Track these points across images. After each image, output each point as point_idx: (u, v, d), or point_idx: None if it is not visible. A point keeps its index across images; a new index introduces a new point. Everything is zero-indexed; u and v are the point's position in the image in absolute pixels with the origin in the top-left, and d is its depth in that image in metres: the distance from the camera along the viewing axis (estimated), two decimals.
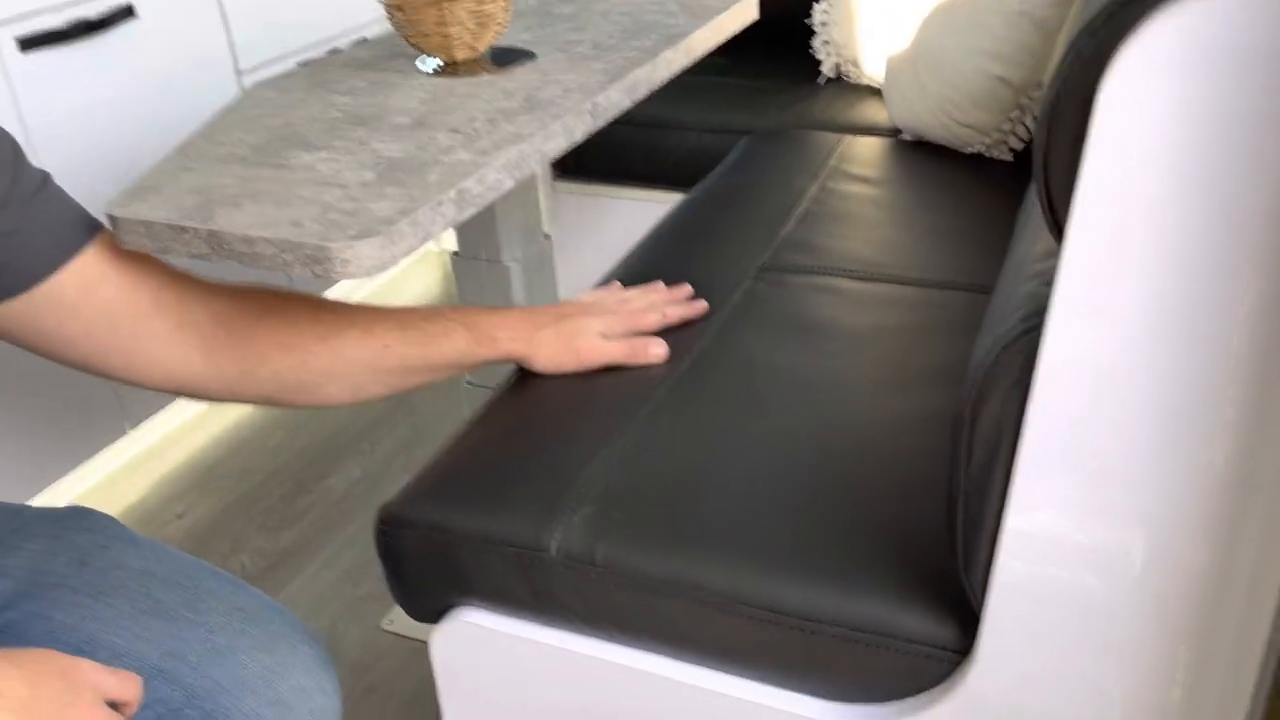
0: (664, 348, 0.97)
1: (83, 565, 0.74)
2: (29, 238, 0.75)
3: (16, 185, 0.75)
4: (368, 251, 0.76)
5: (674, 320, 1.02)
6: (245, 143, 0.96)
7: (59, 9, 1.50)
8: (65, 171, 1.54)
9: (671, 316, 1.01)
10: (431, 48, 1.12)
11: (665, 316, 1.01)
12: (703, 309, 1.04)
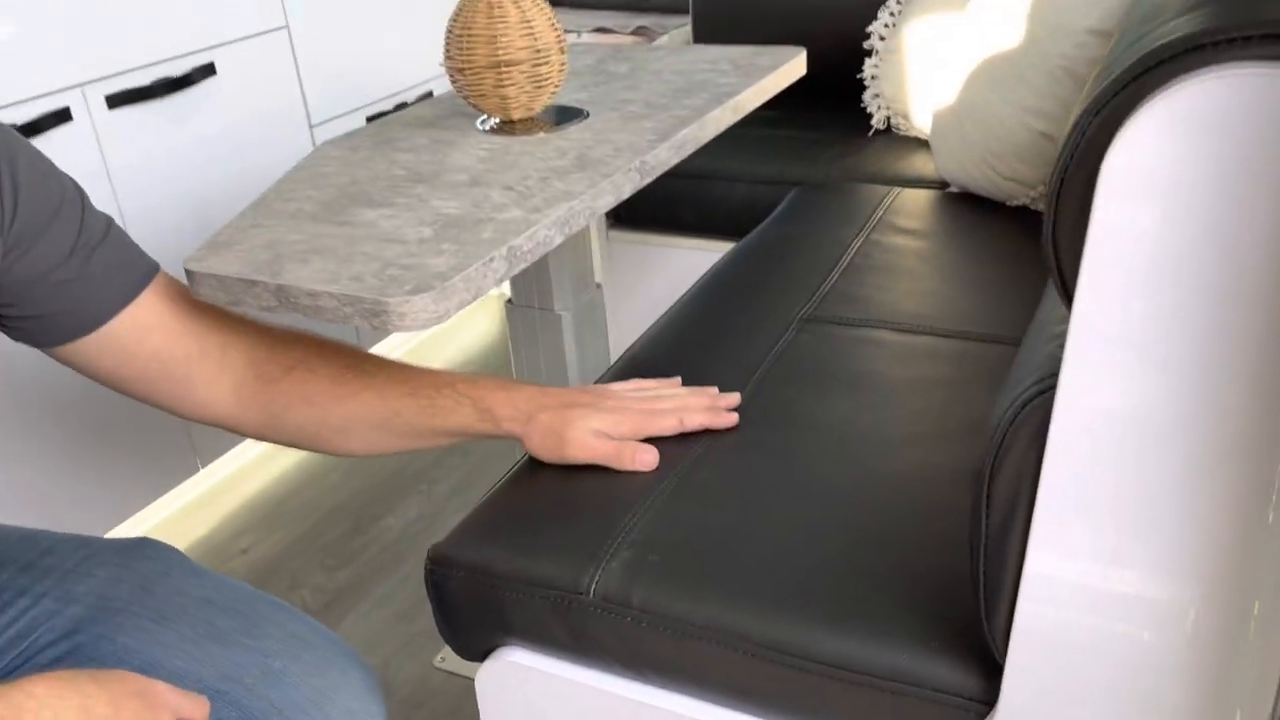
0: (654, 455, 0.92)
1: (146, 592, 0.79)
2: (92, 285, 0.82)
3: (81, 235, 0.81)
4: (422, 306, 0.81)
5: (692, 428, 0.95)
6: (314, 199, 1.02)
7: (145, 68, 1.59)
8: (146, 219, 1.62)
9: (689, 424, 0.95)
10: (490, 108, 1.18)
11: (682, 423, 0.95)
12: (730, 421, 0.97)
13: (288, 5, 1.81)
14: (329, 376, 0.87)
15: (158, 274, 0.86)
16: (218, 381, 0.87)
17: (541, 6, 1.17)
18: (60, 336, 0.82)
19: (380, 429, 0.88)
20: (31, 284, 0.79)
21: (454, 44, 1.15)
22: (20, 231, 0.77)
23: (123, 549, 0.84)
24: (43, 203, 0.79)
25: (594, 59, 1.49)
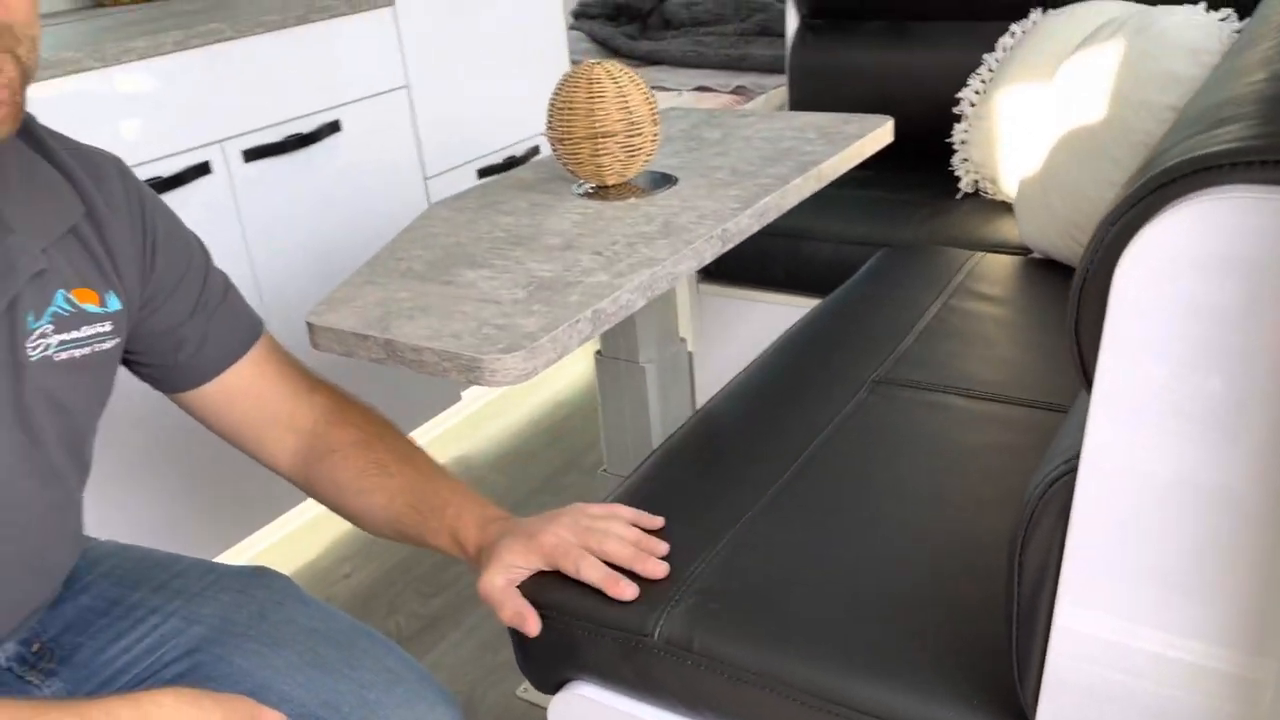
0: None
1: (262, 619, 0.89)
2: (207, 344, 0.93)
3: (203, 294, 0.92)
4: (512, 364, 0.89)
5: (588, 577, 0.90)
6: (422, 259, 1.12)
7: (277, 125, 1.74)
8: (275, 263, 1.76)
9: (615, 554, 0.91)
10: (586, 174, 1.27)
11: (579, 571, 0.90)
12: (657, 572, 0.91)
13: (409, 66, 1.95)
14: (355, 470, 0.96)
15: (260, 338, 0.97)
16: (282, 444, 0.98)
17: (637, 82, 1.25)
18: (172, 386, 0.94)
19: (385, 527, 0.97)
20: (158, 337, 0.90)
21: (555, 116, 1.25)
22: (155, 289, 0.88)
23: (244, 576, 0.94)
24: (175, 263, 0.89)
25: (689, 124, 1.57)
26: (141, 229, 0.86)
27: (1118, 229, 0.56)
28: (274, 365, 0.97)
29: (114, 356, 0.85)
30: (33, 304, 0.77)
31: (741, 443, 1.13)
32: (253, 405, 0.96)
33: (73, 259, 0.80)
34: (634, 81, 1.25)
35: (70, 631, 0.88)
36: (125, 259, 0.84)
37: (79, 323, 0.80)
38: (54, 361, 0.79)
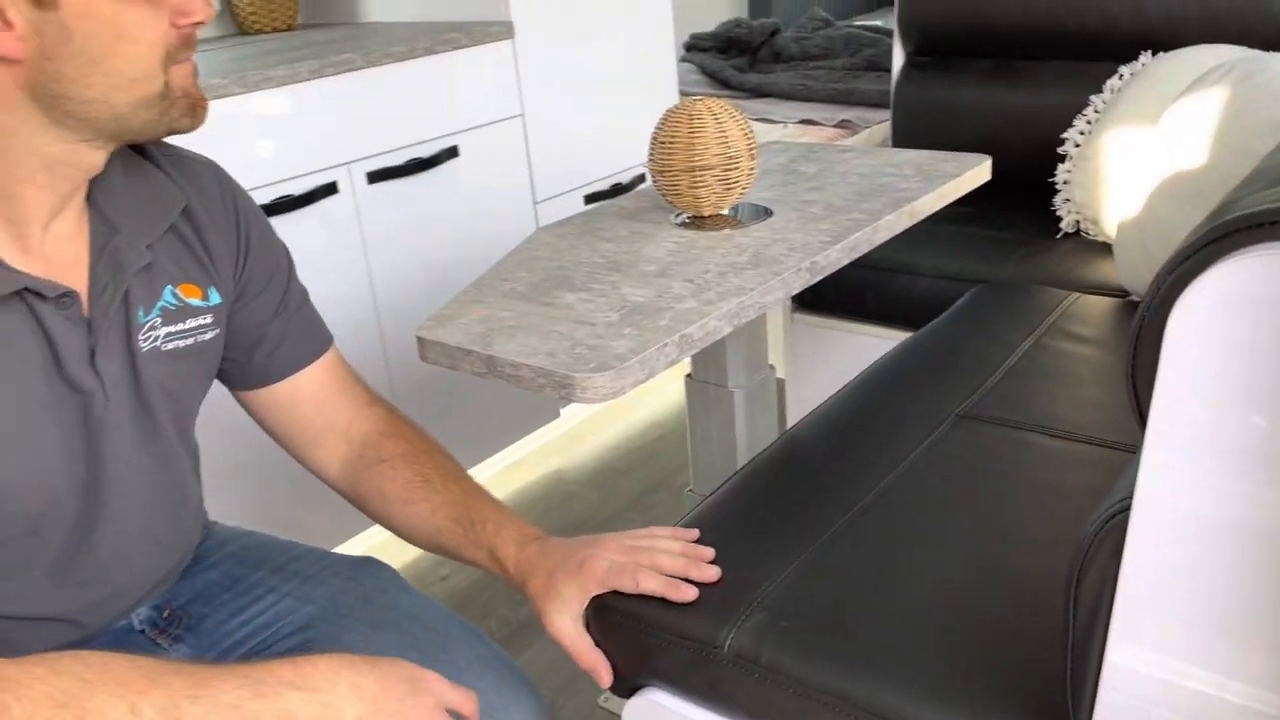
0: None
1: (367, 602, 0.96)
2: (282, 346, 1.00)
3: (285, 299, 1.00)
4: (601, 383, 0.95)
5: (648, 589, 0.94)
6: (525, 280, 1.19)
7: (400, 150, 1.85)
8: (392, 278, 1.87)
9: (668, 566, 0.96)
10: (683, 205, 1.33)
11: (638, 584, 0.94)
12: (709, 576, 0.96)
13: (524, 95, 2.04)
14: (403, 481, 1.01)
15: (329, 349, 1.04)
16: (335, 452, 1.04)
17: (737, 119, 1.31)
18: (244, 383, 1.01)
19: (426, 539, 1.02)
20: (241, 333, 0.97)
21: (657, 149, 1.31)
22: (245, 286, 0.96)
23: (352, 564, 1.02)
24: (265, 264, 0.97)
25: (787, 158, 1.61)
26: (235, 228, 0.94)
27: (1175, 276, 0.58)
28: (338, 376, 1.04)
29: (215, 347, 0.94)
30: (142, 299, 0.85)
31: (822, 468, 1.17)
32: (313, 410, 1.02)
33: (176, 256, 0.89)
34: (733, 118, 1.30)
35: (197, 602, 0.97)
36: (221, 256, 0.92)
37: (184, 316, 0.89)
38: (162, 352, 0.87)
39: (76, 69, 0.72)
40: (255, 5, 2.17)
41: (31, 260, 0.78)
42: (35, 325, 0.77)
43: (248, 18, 2.18)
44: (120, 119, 0.76)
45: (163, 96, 0.76)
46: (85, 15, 0.71)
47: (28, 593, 0.83)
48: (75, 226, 0.81)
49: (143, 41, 0.74)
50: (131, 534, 0.88)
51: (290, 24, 2.23)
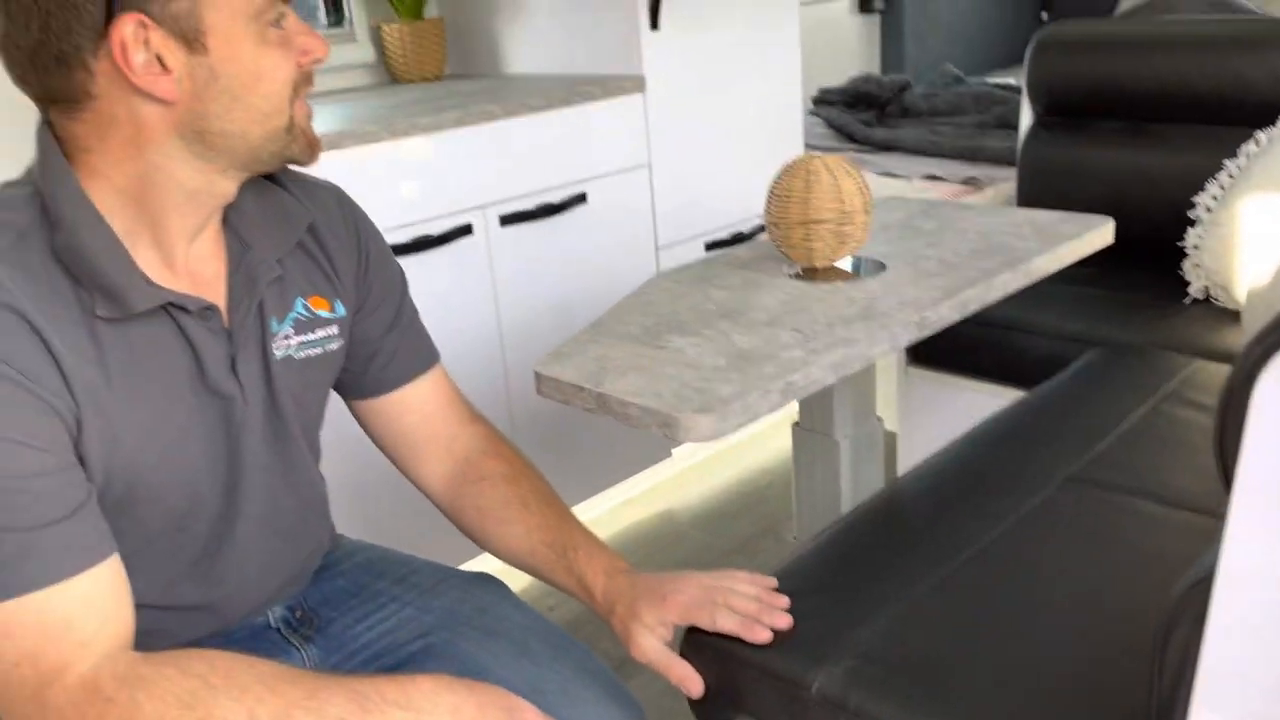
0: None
1: (482, 613, 1.03)
2: (394, 358, 1.07)
3: (399, 315, 1.07)
4: (704, 423, 1.00)
5: (725, 628, 0.98)
6: (639, 324, 1.25)
7: (531, 195, 1.95)
8: (519, 315, 1.96)
9: (743, 607, 0.99)
10: (797, 256, 1.37)
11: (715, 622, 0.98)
12: (782, 623, 0.99)
13: (652, 146, 2.12)
14: (500, 500, 1.07)
15: (436, 365, 1.11)
16: (440, 465, 1.10)
17: (852, 174, 1.34)
18: (357, 393, 1.08)
19: (518, 559, 1.07)
20: (358, 345, 1.05)
21: (773, 202, 1.36)
22: (365, 298, 1.04)
23: (468, 579, 1.09)
24: (383, 281, 1.05)
25: (905, 214, 1.64)
26: (357, 246, 1.02)
27: (1265, 345, 0.60)
28: (444, 392, 1.11)
29: (340, 357, 1.02)
30: (276, 310, 0.94)
31: (924, 520, 1.18)
32: (419, 422, 1.09)
33: (305, 270, 0.97)
34: (849, 174, 1.34)
35: (327, 606, 1.05)
36: (345, 270, 1.00)
37: (314, 326, 0.97)
38: (295, 360, 0.96)
39: (221, 106, 0.82)
40: (407, 57, 2.32)
41: (176, 278, 0.87)
42: (181, 337, 0.86)
43: (400, 68, 2.34)
44: (253, 151, 0.85)
45: (288, 130, 0.86)
46: (230, 59, 0.81)
47: (173, 585, 0.92)
48: (214, 246, 0.90)
49: (276, 80, 0.83)
50: (264, 530, 0.96)
51: (439, 74, 2.37)
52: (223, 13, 0.79)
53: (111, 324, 0.82)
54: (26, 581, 0.75)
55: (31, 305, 0.77)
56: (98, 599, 0.79)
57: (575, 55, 2.20)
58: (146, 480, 0.85)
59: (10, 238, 0.79)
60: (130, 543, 0.84)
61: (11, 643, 0.75)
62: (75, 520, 0.78)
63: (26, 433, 0.76)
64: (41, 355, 0.77)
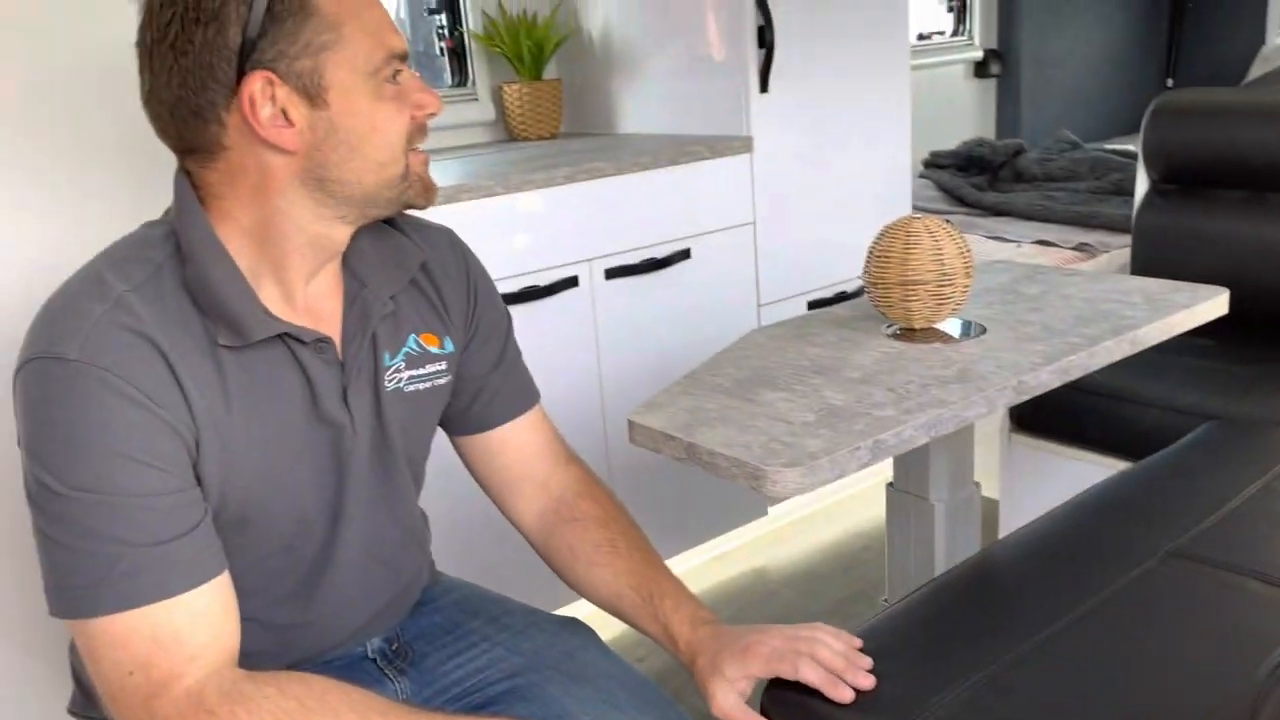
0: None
1: (569, 658, 1.05)
2: (497, 396, 1.10)
3: (504, 353, 1.11)
4: (791, 478, 1.01)
5: (808, 679, 0.97)
6: (732, 377, 1.27)
7: (636, 250, 1.99)
8: (619, 365, 2.00)
9: (828, 661, 0.98)
10: (895, 316, 1.37)
11: (797, 670, 0.97)
12: (865, 683, 0.97)
13: (757, 204, 2.16)
14: (592, 542, 1.09)
15: (536, 405, 1.14)
16: (533, 502, 1.13)
17: (953, 236, 1.35)
18: (461, 429, 1.12)
19: (605, 602, 1.08)
20: (464, 382, 1.09)
21: (872, 261, 1.37)
22: (472, 335, 1.08)
23: (558, 623, 1.12)
24: (490, 321, 1.09)
25: (1010, 278, 1.62)
26: (466, 285, 1.07)
27: None
28: (542, 432, 1.14)
29: (447, 392, 1.06)
30: (389, 345, 0.99)
31: (1016, 588, 1.16)
32: (516, 459, 1.13)
33: (418, 307, 1.02)
34: (951, 236, 1.34)
35: (421, 640, 1.09)
36: (455, 309, 1.05)
37: (424, 361, 1.02)
38: (404, 393, 1.00)
39: (339, 156, 0.88)
40: (525, 116, 2.42)
41: (295, 312, 0.93)
42: (296, 367, 0.92)
43: (518, 126, 2.43)
44: (369, 197, 0.91)
45: (403, 177, 0.91)
46: (349, 112, 0.87)
47: (277, 605, 0.97)
48: (332, 285, 0.97)
49: (390, 132, 0.89)
50: (366, 557, 1.01)
51: (554, 133, 2.46)
52: (342, 70, 0.86)
53: (233, 352, 0.88)
54: (144, 594, 0.81)
55: (162, 333, 0.84)
56: (208, 615, 0.84)
57: (686, 116, 2.26)
58: (258, 502, 0.91)
59: (149, 271, 0.86)
60: (240, 562, 0.90)
61: (126, 652, 0.81)
62: (191, 538, 0.84)
63: (150, 453, 0.82)
64: (168, 380, 0.84)
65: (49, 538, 0.82)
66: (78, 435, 0.80)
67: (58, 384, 0.81)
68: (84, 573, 0.81)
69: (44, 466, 0.81)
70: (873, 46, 2.31)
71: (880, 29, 2.32)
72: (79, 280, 0.86)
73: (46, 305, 0.85)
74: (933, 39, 3.67)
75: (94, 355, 0.81)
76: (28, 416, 0.82)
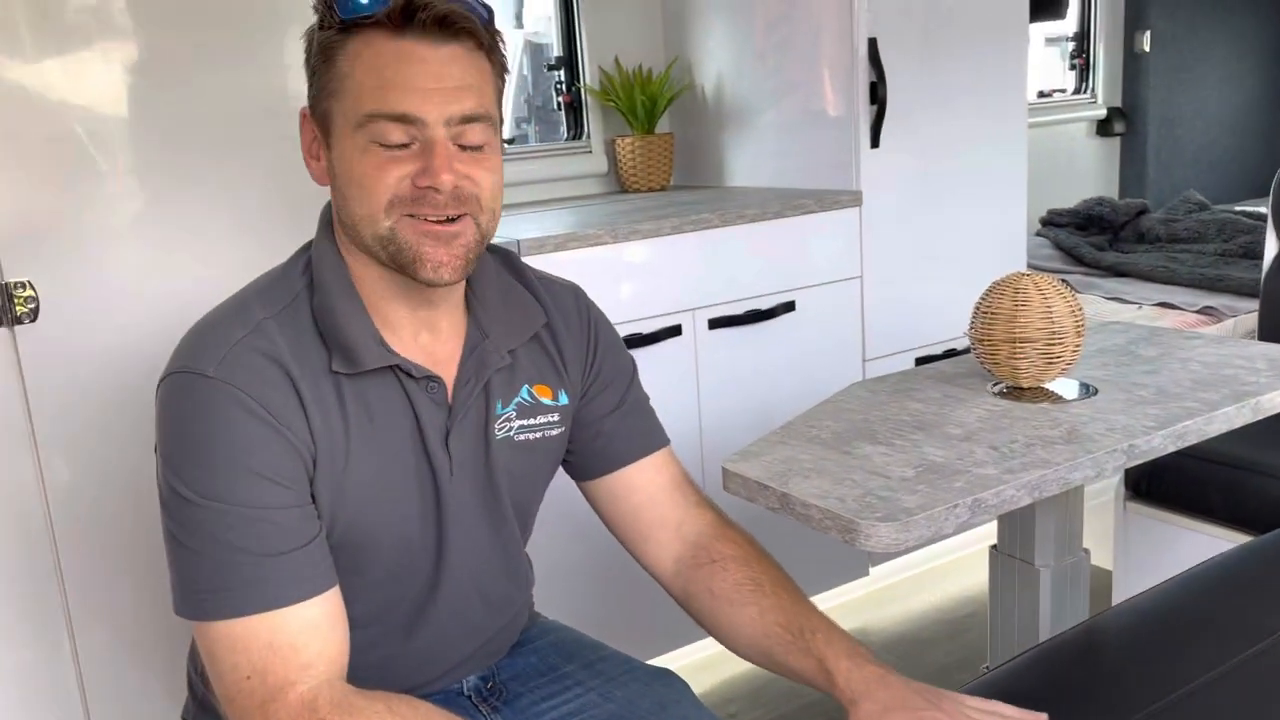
0: None
1: (661, 709, 1.04)
2: (615, 439, 1.10)
3: (626, 396, 1.11)
4: (886, 533, 0.99)
5: None
6: (830, 429, 1.26)
7: (740, 301, 2.00)
8: (718, 414, 2.01)
9: None
10: (1001, 374, 1.34)
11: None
12: None
13: (865, 258, 2.15)
14: (734, 583, 1.05)
15: (664, 448, 1.14)
16: (667, 548, 1.11)
17: (1064, 295, 1.32)
18: (584, 473, 1.13)
19: (751, 644, 1.04)
20: (583, 426, 1.10)
21: (979, 318, 1.34)
22: (590, 384, 1.09)
23: (651, 673, 1.11)
24: (610, 368, 1.10)
25: (1126, 339, 1.57)
26: (586, 339, 1.09)
27: None
28: (671, 474, 1.13)
29: (560, 443, 1.08)
30: (501, 393, 1.01)
31: (1123, 659, 1.11)
32: (646, 502, 1.11)
33: (535, 360, 1.04)
34: (1061, 295, 1.31)
35: (516, 680, 1.10)
36: (573, 362, 1.07)
37: (536, 412, 1.04)
38: (514, 441, 1.03)
39: (342, 199, 0.92)
40: (636, 168, 2.47)
41: (410, 348, 0.96)
42: (405, 399, 0.96)
43: (629, 178, 2.49)
44: (371, 249, 0.92)
45: (388, 241, 0.90)
46: (340, 158, 0.91)
47: (382, 639, 1.00)
48: (454, 331, 1.00)
49: (369, 189, 0.89)
50: (468, 596, 1.03)
51: (664, 185, 2.50)
52: (339, 119, 0.90)
53: (349, 379, 0.92)
54: (262, 601, 0.85)
55: (291, 358, 0.89)
56: (321, 626, 0.88)
57: (795, 170, 2.27)
58: (365, 527, 0.95)
59: (287, 299, 0.93)
60: (348, 590, 0.93)
61: (245, 657, 0.85)
62: (306, 551, 0.88)
63: (273, 469, 0.87)
64: (293, 402, 0.89)
65: (178, 541, 0.87)
66: (208, 447, 0.86)
67: (195, 398, 0.87)
68: (208, 577, 0.86)
69: (176, 474, 0.87)
70: (989, 103, 2.29)
71: (997, 86, 2.30)
72: (229, 305, 0.93)
73: (197, 325, 0.93)
74: (1053, 96, 3.61)
75: (229, 374, 0.87)
76: (165, 425, 0.89)
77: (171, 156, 1.46)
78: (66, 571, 1.46)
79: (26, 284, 1.37)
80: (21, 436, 1.41)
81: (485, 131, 0.90)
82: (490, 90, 0.91)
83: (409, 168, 0.88)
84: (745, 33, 2.34)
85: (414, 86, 0.86)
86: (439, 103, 0.87)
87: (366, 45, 0.87)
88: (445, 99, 0.87)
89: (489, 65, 0.91)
